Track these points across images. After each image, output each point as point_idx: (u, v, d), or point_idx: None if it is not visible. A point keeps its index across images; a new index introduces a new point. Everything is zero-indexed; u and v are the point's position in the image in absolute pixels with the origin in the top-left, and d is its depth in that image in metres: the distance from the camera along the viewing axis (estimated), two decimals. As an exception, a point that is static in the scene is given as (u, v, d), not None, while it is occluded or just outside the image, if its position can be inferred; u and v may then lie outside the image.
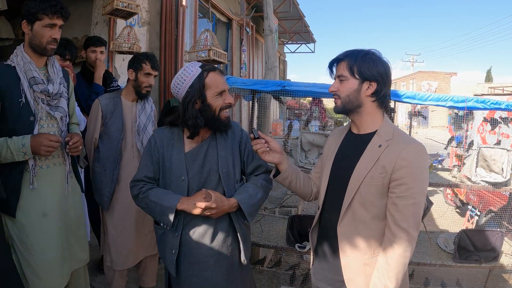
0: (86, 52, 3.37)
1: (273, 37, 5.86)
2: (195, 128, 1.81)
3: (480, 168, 3.20)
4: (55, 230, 2.08)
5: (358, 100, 1.59)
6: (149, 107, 2.79)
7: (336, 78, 1.65)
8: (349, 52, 1.61)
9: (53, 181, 2.10)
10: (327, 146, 1.84)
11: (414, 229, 1.49)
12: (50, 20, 1.96)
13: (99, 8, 4.47)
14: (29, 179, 1.98)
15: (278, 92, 3.32)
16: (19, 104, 1.94)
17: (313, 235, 1.84)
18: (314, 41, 16.13)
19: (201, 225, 1.84)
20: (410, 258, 1.51)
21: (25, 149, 1.92)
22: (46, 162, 2.08)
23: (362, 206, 1.57)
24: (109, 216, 2.66)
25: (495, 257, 3.05)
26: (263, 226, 3.51)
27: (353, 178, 1.58)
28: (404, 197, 1.48)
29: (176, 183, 1.85)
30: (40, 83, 2.01)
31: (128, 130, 2.68)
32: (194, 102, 1.79)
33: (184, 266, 1.86)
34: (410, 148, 1.50)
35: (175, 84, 1.84)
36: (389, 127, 1.60)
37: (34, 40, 1.98)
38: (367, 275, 1.58)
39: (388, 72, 1.59)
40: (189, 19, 6.37)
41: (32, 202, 1.99)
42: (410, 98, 3.09)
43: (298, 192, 1.92)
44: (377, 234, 1.57)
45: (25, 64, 1.99)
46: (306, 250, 2.96)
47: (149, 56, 2.69)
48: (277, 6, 9.76)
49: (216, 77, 1.82)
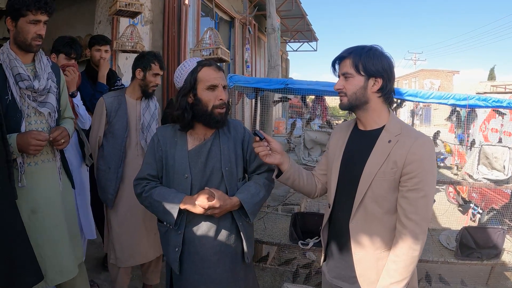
0: (91, 51, 3.38)
1: (276, 36, 5.89)
2: (182, 120, 1.83)
3: (482, 166, 3.21)
4: (48, 227, 2.05)
5: (364, 96, 1.60)
6: (153, 105, 2.80)
7: (340, 76, 1.65)
8: (353, 49, 1.61)
9: (44, 178, 2.08)
10: (332, 142, 1.84)
11: (424, 222, 1.50)
12: (34, 16, 1.93)
13: (102, 7, 4.49)
14: (18, 177, 1.96)
15: (281, 90, 3.34)
16: (6, 102, 1.93)
17: (324, 233, 1.84)
18: (316, 40, 16.13)
19: (204, 223, 1.85)
20: (421, 251, 1.52)
21: (11, 148, 1.89)
22: (35, 159, 2.05)
23: (374, 202, 1.58)
24: (114, 214, 2.68)
25: (497, 255, 3.06)
26: (266, 223, 3.53)
27: (364, 175, 1.58)
28: (415, 190, 1.50)
29: (179, 181, 1.86)
30: (25, 79, 1.98)
31: (132, 128, 2.69)
32: (185, 95, 1.82)
33: (187, 264, 1.87)
34: (419, 141, 1.52)
35: (176, 77, 1.88)
36: (397, 122, 1.62)
37: (19, 37, 1.97)
38: (379, 269, 1.59)
39: (392, 67, 1.61)
40: (192, 17, 6.38)
41: (21, 200, 1.94)
42: (412, 96, 3.11)
43: (302, 190, 1.92)
44: (389, 229, 1.59)
45: (11, 61, 1.97)
46: (309, 247, 2.98)
47: (157, 56, 2.71)
48: (279, 4, 9.77)
49: (209, 71, 1.83)
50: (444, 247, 3.25)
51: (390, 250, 1.58)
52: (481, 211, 5.41)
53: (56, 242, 2.08)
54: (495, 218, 4.94)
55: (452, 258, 3.04)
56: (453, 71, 36.94)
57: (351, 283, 1.68)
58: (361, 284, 1.63)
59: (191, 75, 1.82)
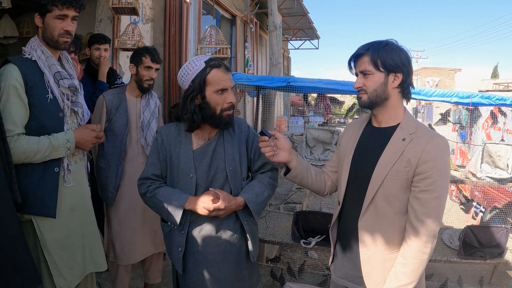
0: (90, 49, 3.37)
1: (278, 34, 5.87)
2: (192, 123, 1.80)
3: (485, 164, 3.19)
4: (85, 224, 2.12)
5: (385, 93, 1.56)
6: (153, 103, 2.79)
7: (358, 74, 1.61)
8: (370, 45, 1.56)
9: (78, 177, 2.11)
10: (344, 139, 1.80)
11: (435, 224, 1.47)
12: (60, 11, 1.88)
13: (103, 5, 4.47)
14: (63, 176, 1.98)
15: (283, 88, 3.32)
16: (47, 100, 1.90)
17: (333, 232, 1.81)
18: (318, 38, 16.12)
19: (208, 222, 1.84)
20: (430, 255, 1.49)
21: (69, 144, 1.93)
22: (74, 158, 2.07)
23: (385, 201, 1.55)
24: (114, 212, 2.67)
25: (500, 254, 3.04)
26: (268, 222, 3.51)
27: (376, 172, 1.55)
28: (427, 191, 1.47)
29: (184, 181, 1.84)
30: (66, 78, 1.97)
31: (132, 126, 2.68)
32: (193, 97, 1.77)
33: (191, 263, 1.86)
34: (434, 141, 1.49)
35: (180, 77, 1.82)
36: (412, 121, 1.58)
37: (46, 33, 1.91)
38: (386, 271, 1.56)
39: (410, 60, 1.57)
40: (193, 15, 6.37)
41: (64, 199, 1.99)
42: (415, 94, 3.08)
43: (311, 188, 1.89)
44: (399, 229, 1.55)
45: (48, 58, 1.93)
46: (311, 246, 2.97)
47: (149, 49, 2.68)
48: (281, 2, 9.75)
49: (219, 74, 1.78)
50: (447, 246, 3.23)
51: (398, 251, 1.55)
52: (483, 210, 5.39)
53: (93, 238, 2.18)
54: (498, 217, 4.92)
55: (455, 257, 3.02)
56: (455, 69, 36.79)
57: (357, 284, 1.65)
58: (367, 285, 1.61)
59: (200, 77, 1.76)
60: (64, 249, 1.99)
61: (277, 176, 2.05)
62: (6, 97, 1.81)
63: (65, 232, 2.00)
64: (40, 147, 1.85)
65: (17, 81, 1.82)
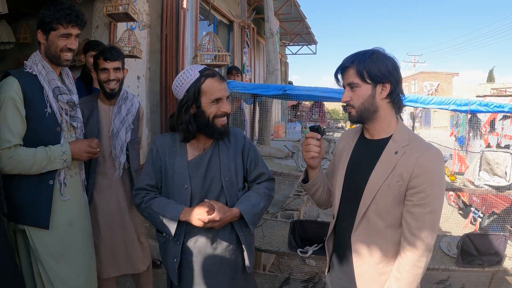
0: (86, 56, 3.35)
1: (274, 40, 5.85)
2: (187, 133, 1.79)
3: (483, 172, 3.18)
4: (80, 239, 2.10)
5: (373, 105, 1.52)
6: (125, 110, 2.57)
7: (346, 86, 1.57)
8: (355, 57, 1.52)
9: (75, 191, 2.12)
10: (338, 150, 1.77)
11: (430, 238, 1.45)
12: (65, 30, 1.90)
13: (99, 12, 4.45)
14: (59, 189, 1.99)
15: (279, 96, 3.30)
16: (45, 114, 1.92)
17: (329, 244, 1.79)
18: (316, 43, 16.15)
19: (203, 233, 1.82)
20: (425, 269, 1.47)
21: (65, 156, 1.94)
22: (70, 172, 2.08)
23: (378, 215, 1.52)
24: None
25: (498, 261, 3.03)
26: (265, 230, 3.49)
27: (368, 187, 1.52)
28: (421, 205, 1.44)
29: (179, 191, 1.83)
30: (65, 93, 1.99)
31: (104, 135, 2.50)
32: (188, 107, 1.76)
33: (186, 274, 1.84)
34: (427, 154, 1.45)
35: (175, 87, 1.82)
36: (405, 132, 1.55)
37: (50, 50, 1.94)
38: (381, 285, 1.54)
39: (398, 68, 1.52)
40: (190, 21, 6.35)
41: (60, 212, 1.99)
42: (412, 102, 3.07)
43: (320, 200, 1.83)
44: (392, 243, 1.53)
45: (48, 73, 1.96)
46: (308, 255, 2.95)
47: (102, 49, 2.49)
48: (278, 7, 9.75)
49: (214, 83, 1.77)
50: (445, 253, 3.21)
51: (393, 265, 1.53)
52: (481, 215, 5.37)
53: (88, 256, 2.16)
54: (496, 223, 4.89)
55: (453, 265, 3.00)
56: (453, 73, 36.87)
57: None
58: None
59: (194, 86, 1.75)
60: (58, 262, 1.97)
61: (274, 186, 2.03)
62: (5, 109, 1.83)
63: (60, 246, 1.99)
64: (37, 158, 1.86)
65: (16, 93, 1.84)
